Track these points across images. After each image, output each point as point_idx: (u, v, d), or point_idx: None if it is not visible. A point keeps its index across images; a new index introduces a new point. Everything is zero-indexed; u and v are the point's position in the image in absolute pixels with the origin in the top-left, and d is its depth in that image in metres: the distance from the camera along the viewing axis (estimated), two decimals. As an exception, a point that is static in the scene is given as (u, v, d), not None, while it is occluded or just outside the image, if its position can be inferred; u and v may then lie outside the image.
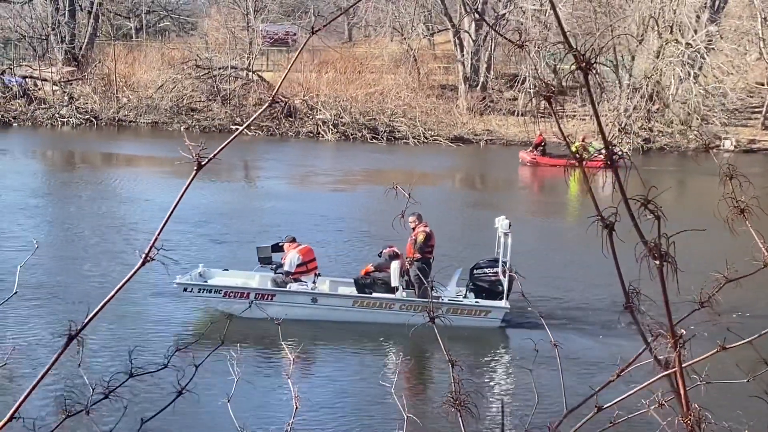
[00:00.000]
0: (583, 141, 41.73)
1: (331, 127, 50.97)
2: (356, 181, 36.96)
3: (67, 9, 60.63)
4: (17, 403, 1.90)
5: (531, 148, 42.70)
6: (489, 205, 33.48)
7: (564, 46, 1.80)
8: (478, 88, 55.76)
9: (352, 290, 17.62)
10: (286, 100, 51.52)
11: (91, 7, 61.92)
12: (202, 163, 1.93)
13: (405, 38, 60.42)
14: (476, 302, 17.22)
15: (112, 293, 2.07)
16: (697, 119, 49.92)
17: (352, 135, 50.57)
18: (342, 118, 51.19)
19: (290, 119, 52.01)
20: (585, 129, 44.03)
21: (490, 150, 48.26)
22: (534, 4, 52.44)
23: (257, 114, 2.32)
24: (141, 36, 72.07)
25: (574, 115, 49.51)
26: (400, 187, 2.74)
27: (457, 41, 57.10)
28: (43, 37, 60.76)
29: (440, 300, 17.21)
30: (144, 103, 53.20)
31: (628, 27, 50.44)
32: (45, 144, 47.00)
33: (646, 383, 2.11)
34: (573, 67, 1.81)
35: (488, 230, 27.87)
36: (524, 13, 54.11)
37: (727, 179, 1.94)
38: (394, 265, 17.25)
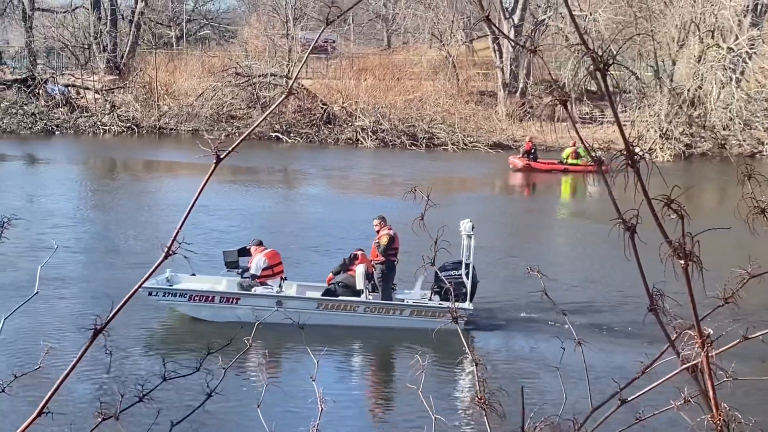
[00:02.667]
0: (573, 146, 41.60)
1: (370, 133, 51.04)
2: (393, 187, 36.96)
3: (109, 18, 61.34)
4: (45, 399, 1.93)
5: (521, 155, 42.60)
6: (524, 210, 33.40)
7: (581, 48, 1.79)
8: (517, 94, 55.61)
9: (318, 294, 17.59)
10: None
11: (133, 16, 62.58)
12: (221, 156, 1.95)
13: (444, 45, 60.39)
14: (439, 304, 17.14)
15: (136, 287, 2.10)
16: (740, 124, 49.37)
17: (391, 142, 50.60)
18: (381, 124, 51.24)
19: (329, 126, 52.18)
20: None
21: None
22: (573, 10, 52.18)
23: (275, 104, 2.34)
24: (182, 44, 72.69)
25: (612, 122, 49.19)
26: (419, 190, 2.75)
27: (496, 47, 56.98)
28: (86, 46, 61.43)
29: (404, 302, 17.28)
30: (184, 110, 53.62)
31: (668, 32, 50.04)
32: (87, 151, 47.50)
33: (668, 375, 2.10)
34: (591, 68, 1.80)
35: (518, 236, 27.82)
36: (563, 18, 53.87)
37: (746, 179, 1.93)
38: (359, 269, 17.27)
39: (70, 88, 55.77)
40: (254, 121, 52.26)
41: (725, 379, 2.11)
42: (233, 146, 2.11)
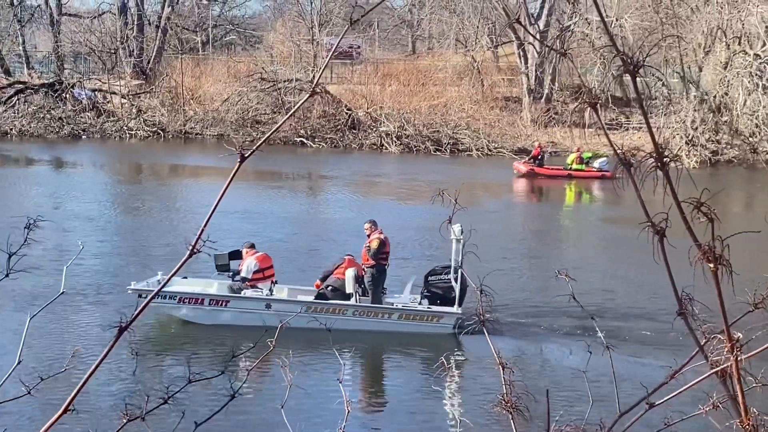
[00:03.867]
0: (578, 152, 41.41)
1: (394, 139, 51.05)
2: (418, 192, 36.94)
3: (135, 23, 61.76)
4: (71, 396, 1.93)
5: (527, 159, 42.44)
6: (545, 216, 33.31)
7: (611, 50, 1.78)
8: (543, 99, 55.49)
9: (309, 298, 17.59)
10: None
11: (159, 22, 62.97)
12: (245, 156, 1.95)
13: (469, 50, 60.36)
14: (428, 308, 17.16)
15: (160, 287, 2.10)
16: (766, 131, 49.00)
17: (415, 147, 50.60)
18: (405, 130, 51.25)
19: (354, 131, 52.24)
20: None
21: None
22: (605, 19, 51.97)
23: (299, 104, 2.33)
24: (207, 49, 73.03)
25: (641, 127, 49.01)
26: (446, 194, 2.74)
27: (521, 53, 56.90)
28: (113, 51, 61.89)
29: (393, 306, 17.28)
30: (210, 115, 53.84)
31: (695, 38, 49.78)
32: (113, 156, 47.77)
33: (697, 380, 2.08)
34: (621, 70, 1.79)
35: (539, 241, 27.73)
36: (589, 24, 53.72)
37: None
38: (349, 273, 17.26)
39: (96, 92, 56.12)
40: (282, 126, 52.32)
41: (755, 384, 2.08)
42: (257, 146, 2.11)
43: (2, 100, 53.92)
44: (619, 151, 1.99)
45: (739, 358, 1.96)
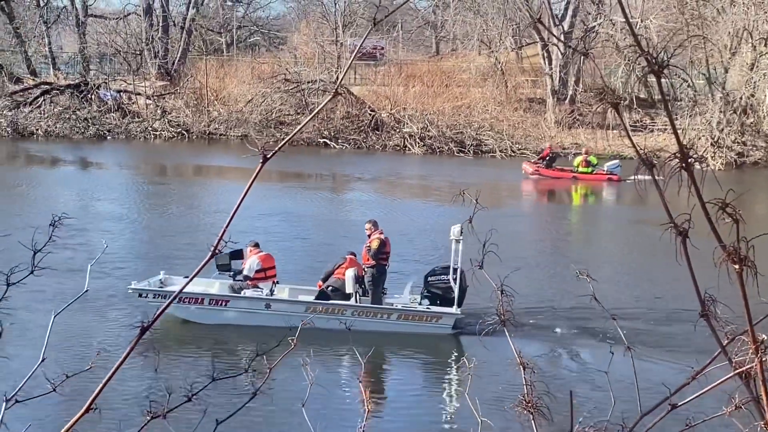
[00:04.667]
0: (585, 154, 41.17)
1: (417, 140, 51.02)
2: (441, 193, 36.92)
3: (160, 25, 62.07)
4: (93, 394, 1.95)
5: (536, 160, 42.27)
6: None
7: (636, 50, 1.78)
8: (567, 101, 55.30)
9: (310, 298, 17.61)
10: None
11: (184, 23, 63.26)
12: (268, 156, 1.96)
13: (493, 51, 60.25)
14: (427, 308, 17.17)
15: (182, 286, 2.11)
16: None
17: (438, 148, 50.55)
18: (429, 131, 51.21)
19: (377, 132, 52.25)
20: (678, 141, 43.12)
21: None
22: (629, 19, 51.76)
23: (322, 105, 2.34)
24: (232, 51, 73.27)
25: (665, 128, 48.77)
26: (467, 194, 2.74)
27: (545, 54, 56.74)
28: (138, 52, 62.19)
29: (393, 306, 17.29)
30: (234, 116, 54.00)
31: (720, 39, 49.46)
32: (138, 156, 48.01)
33: (720, 380, 2.07)
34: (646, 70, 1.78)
35: (566, 243, 27.64)
36: (614, 26, 53.50)
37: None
38: (349, 273, 17.27)
39: (122, 93, 56.43)
40: (304, 127, 52.38)
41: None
42: (279, 147, 2.12)
43: (29, 101, 54.31)
44: (641, 152, 1.98)
45: (763, 360, 1.95)
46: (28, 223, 21.30)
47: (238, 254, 17.74)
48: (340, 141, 51.39)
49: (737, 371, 1.91)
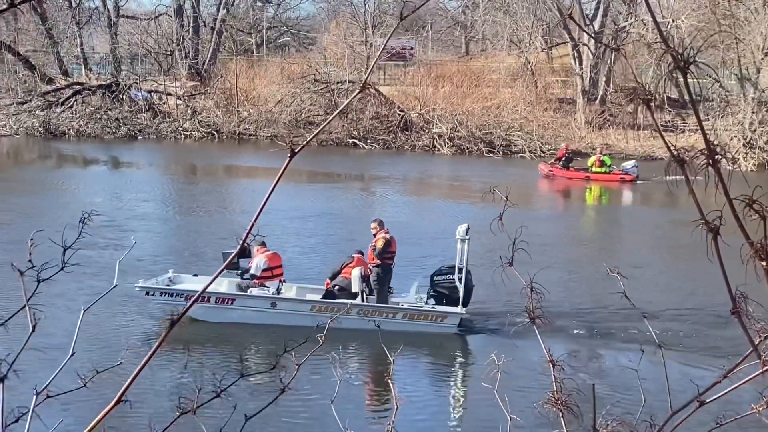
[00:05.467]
0: (600, 154, 40.90)
1: (447, 140, 50.96)
2: (471, 193, 36.87)
3: (191, 25, 62.42)
4: (124, 386, 1.96)
5: (553, 160, 42.10)
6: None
7: (661, 46, 1.76)
8: (597, 101, 55.01)
9: (317, 297, 17.63)
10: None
11: (215, 24, 63.56)
12: (296, 150, 1.96)
13: (522, 51, 60.05)
14: (432, 308, 17.15)
15: (211, 279, 2.12)
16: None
17: (468, 149, 50.45)
18: (458, 131, 51.13)
19: (406, 133, 52.24)
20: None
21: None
22: (656, 15, 51.35)
23: (349, 99, 2.35)
24: (262, 51, 73.53)
25: (697, 129, 48.35)
26: (497, 191, 2.73)
27: (575, 54, 56.48)
28: (168, 53, 62.58)
29: (398, 305, 17.28)
30: (264, 116, 54.19)
31: (753, 39, 48.99)
32: (168, 156, 48.30)
33: (750, 377, 2.06)
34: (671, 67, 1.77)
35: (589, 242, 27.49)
36: (645, 25, 53.17)
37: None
38: (355, 272, 17.29)
39: (152, 93, 56.80)
40: (332, 126, 52.55)
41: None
42: (307, 141, 2.13)
43: (61, 101, 54.80)
44: (672, 149, 1.97)
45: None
46: (59, 222, 21.45)
47: (245, 253, 17.84)
48: (369, 141, 51.43)
49: (767, 369, 1.90)
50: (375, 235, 17.75)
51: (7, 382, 2.29)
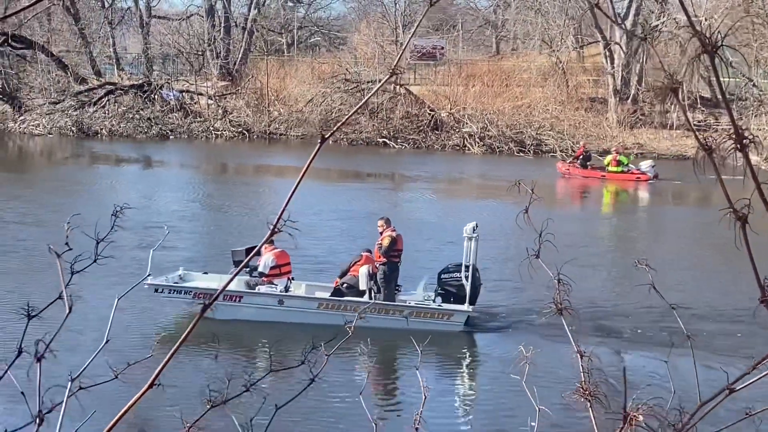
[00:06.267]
0: (616, 153, 40.63)
1: (477, 140, 50.88)
2: (502, 192, 36.77)
3: (222, 25, 62.68)
4: (157, 370, 1.98)
5: (571, 159, 41.91)
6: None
7: (689, 30, 1.76)
8: (629, 100, 54.67)
9: (326, 294, 17.64)
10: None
11: (246, 24, 63.80)
12: (326, 136, 1.97)
13: (554, 51, 59.81)
14: (439, 305, 17.11)
15: (240, 267, 2.14)
16: None
17: (498, 148, 50.36)
18: (488, 131, 51.04)
19: (436, 132, 52.21)
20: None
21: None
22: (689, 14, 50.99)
23: (379, 86, 2.35)
24: (292, 51, 73.71)
25: (729, 128, 47.92)
26: (523, 184, 2.73)
27: (607, 53, 56.17)
28: (200, 53, 62.88)
29: (405, 303, 17.27)
30: (294, 116, 54.38)
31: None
32: (200, 156, 48.55)
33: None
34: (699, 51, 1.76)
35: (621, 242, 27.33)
36: (677, 24, 52.78)
37: None
38: (362, 270, 17.30)
39: (184, 93, 57.12)
40: (362, 126, 52.63)
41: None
42: (336, 127, 2.14)
43: (93, 101, 55.26)
44: (700, 138, 1.96)
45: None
46: (91, 218, 21.66)
47: (254, 250, 17.88)
48: (399, 141, 51.45)
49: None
50: (381, 233, 17.78)
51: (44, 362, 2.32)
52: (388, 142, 51.05)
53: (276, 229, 1.92)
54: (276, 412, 2.60)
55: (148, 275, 17.27)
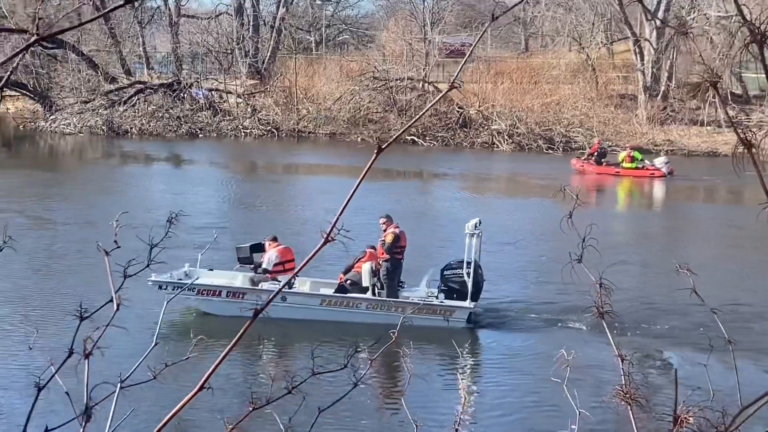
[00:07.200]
0: (630, 149, 40.33)
1: (506, 137, 50.74)
2: (533, 190, 36.67)
3: (251, 24, 62.83)
4: (207, 373, 2.00)
5: (586, 156, 41.63)
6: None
7: (738, 19, 1.74)
8: (659, 97, 54.29)
9: (330, 291, 17.66)
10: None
11: (274, 22, 63.93)
12: (382, 147, 1.98)
13: (583, 47, 59.53)
14: (441, 302, 17.12)
15: (297, 270, 2.15)
16: None
17: (527, 145, 50.20)
18: (517, 128, 50.88)
19: (465, 129, 52.10)
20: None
21: (671, 161, 46.68)
22: (719, 11, 50.69)
23: (438, 98, 2.35)
24: (321, 49, 73.82)
25: (761, 125, 47.56)
26: (569, 190, 2.72)
27: (637, 50, 55.82)
28: (229, 52, 63.06)
29: (408, 299, 17.28)
30: (323, 114, 54.44)
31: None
32: (229, 154, 48.75)
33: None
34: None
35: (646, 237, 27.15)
36: (708, 20, 52.41)
37: None
38: (365, 267, 17.34)
39: (213, 92, 57.31)
40: (391, 124, 52.61)
41: None
42: (394, 138, 2.15)
43: (123, 100, 55.57)
44: (739, 132, 1.95)
45: None
46: (125, 219, 21.77)
47: (259, 247, 18.02)
48: (427, 138, 51.36)
49: None
50: (385, 230, 17.79)
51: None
52: (416, 139, 50.98)
53: (330, 238, 1.93)
54: (319, 415, 2.60)
55: (197, 278, 17.40)
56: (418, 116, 2.36)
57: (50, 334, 14.95)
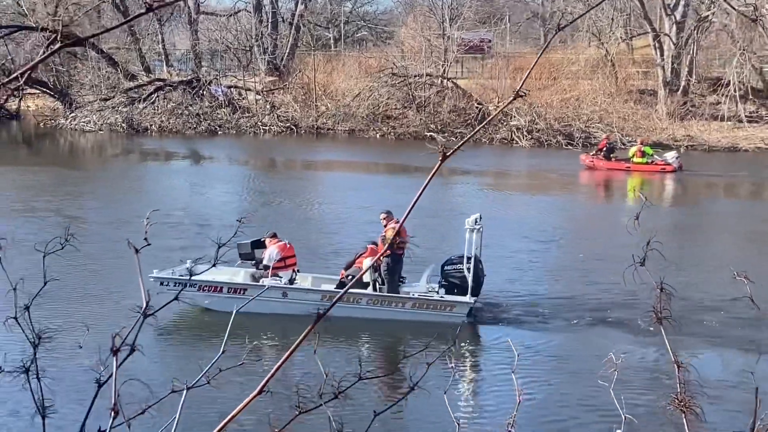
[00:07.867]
0: (640, 144, 40.10)
1: (525, 133, 50.63)
2: (553, 186, 36.58)
3: (269, 21, 62.93)
4: (267, 376, 2.00)
5: (595, 151, 41.37)
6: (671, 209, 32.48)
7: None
8: (679, 92, 54.04)
9: (332, 287, 17.59)
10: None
11: (293, 19, 63.99)
12: (447, 155, 1.99)
13: (603, 43, 59.33)
14: (441, 297, 17.05)
15: (357, 276, 2.15)
16: None
17: (546, 141, 50.08)
18: (536, 124, 50.77)
19: (484, 125, 51.97)
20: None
21: (691, 156, 46.44)
22: (739, 5, 50.36)
23: (507, 104, 2.34)
24: (339, 46, 73.86)
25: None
26: (642, 194, 2.73)
27: (656, 45, 55.57)
28: (247, 49, 63.18)
29: (408, 295, 17.24)
30: (341, 111, 54.45)
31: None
32: (248, 151, 48.84)
33: None
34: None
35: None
36: (728, 15, 52.12)
37: None
38: (366, 262, 17.25)
39: (232, 89, 57.44)
40: (410, 120, 52.59)
41: None
42: (458, 145, 2.15)
43: (143, 97, 55.76)
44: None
45: None
46: (144, 215, 21.84)
47: (260, 244, 18.07)
48: (446, 134, 51.29)
49: None
50: (385, 225, 17.79)
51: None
52: (435, 135, 50.92)
53: (392, 247, 1.94)
54: (374, 419, 2.61)
55: (266, 288, 17.37)
56: (484, 123, 2.35)
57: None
